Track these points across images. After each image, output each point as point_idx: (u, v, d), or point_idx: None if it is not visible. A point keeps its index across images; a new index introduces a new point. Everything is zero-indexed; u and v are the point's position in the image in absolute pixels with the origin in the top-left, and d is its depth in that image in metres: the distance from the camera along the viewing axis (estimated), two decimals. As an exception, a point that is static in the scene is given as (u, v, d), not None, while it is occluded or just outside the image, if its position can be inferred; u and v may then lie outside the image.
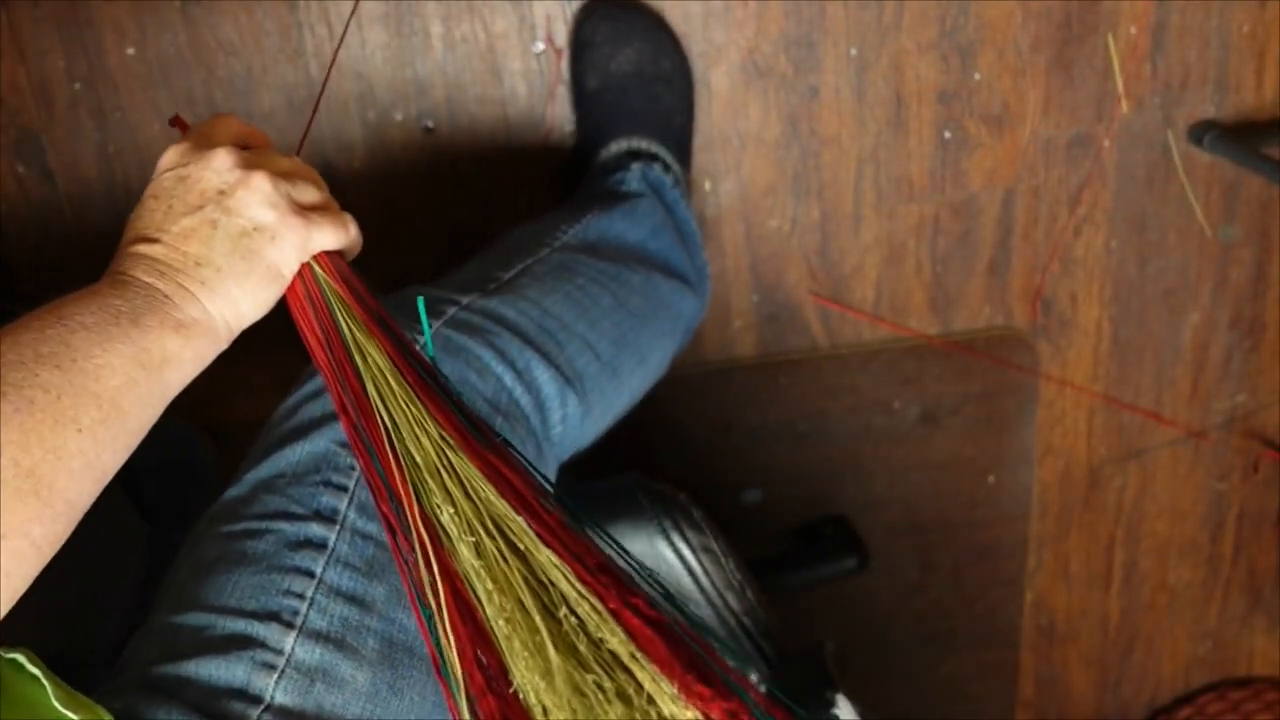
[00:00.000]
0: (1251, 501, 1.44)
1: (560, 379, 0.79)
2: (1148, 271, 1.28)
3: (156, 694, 0.59)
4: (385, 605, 0.65)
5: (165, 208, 0.61)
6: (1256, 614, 1.53)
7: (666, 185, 1.04)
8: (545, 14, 1.08)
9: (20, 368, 0.51)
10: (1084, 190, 1.23)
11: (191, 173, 0.61)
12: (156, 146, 1.04)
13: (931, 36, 1.14)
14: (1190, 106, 1.21)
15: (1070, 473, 1.37)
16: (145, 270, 0.59)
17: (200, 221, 0.60)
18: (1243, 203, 1.27)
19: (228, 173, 0.61)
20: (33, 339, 0.54)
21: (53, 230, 1.05)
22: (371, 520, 0.66)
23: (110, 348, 0.55)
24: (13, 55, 0.99)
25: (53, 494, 0.50)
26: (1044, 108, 1.19)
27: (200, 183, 0.61)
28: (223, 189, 0.61)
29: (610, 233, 0.94)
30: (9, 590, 0.49)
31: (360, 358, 0.63)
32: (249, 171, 0.61)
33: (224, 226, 0.60)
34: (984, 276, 1.26)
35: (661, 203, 1.02)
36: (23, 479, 0.49)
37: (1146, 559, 1.45)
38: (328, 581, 0.64)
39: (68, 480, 0.51)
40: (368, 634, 0.63)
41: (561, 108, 1.11)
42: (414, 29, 1.07)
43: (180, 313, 0.58)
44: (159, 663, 0.61)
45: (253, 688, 0.60)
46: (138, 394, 0.55)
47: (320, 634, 0.62)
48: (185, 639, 0.62)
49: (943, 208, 1.22)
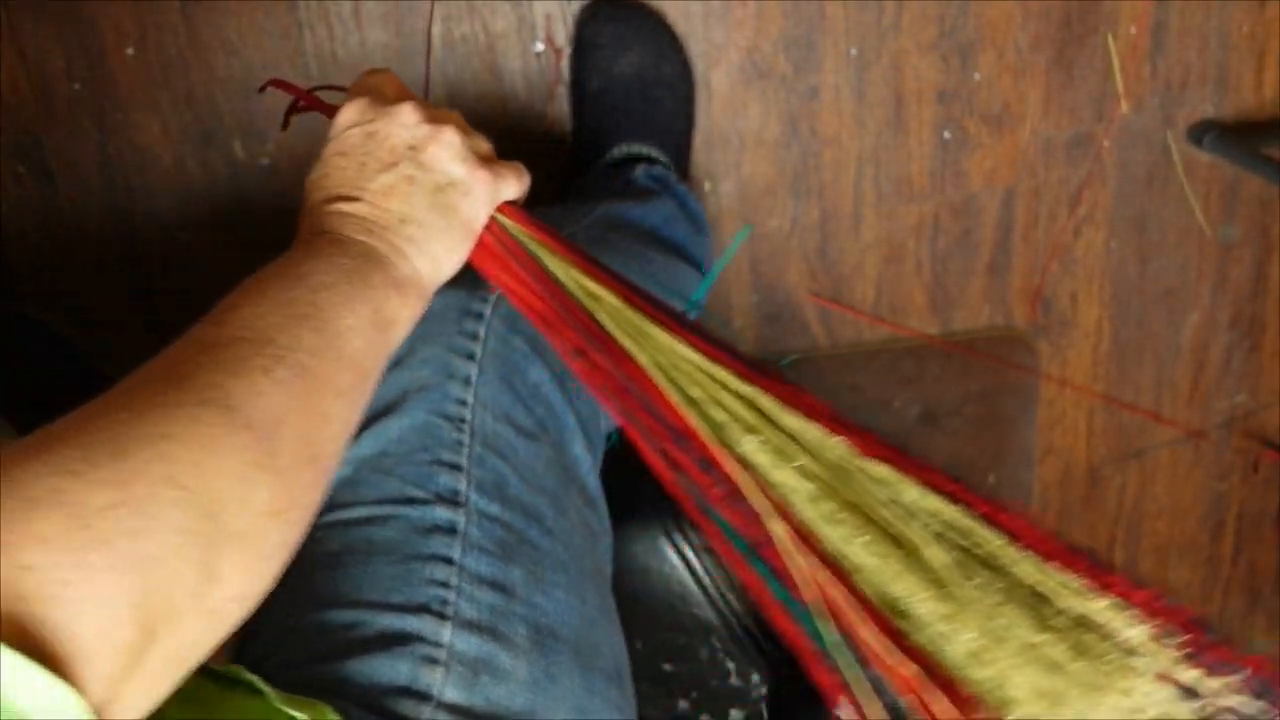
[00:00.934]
0: (1251, 501, 1.44)
1: None
2: (1148, 271, 1.28)
3: (324, 696, 0.55)
4: (525, 589, 0.62)
5: (358, 165, 0.58)
6: (1256, 614, 1.53)
7: (672, 180, 1.04)
8: (545, 14, 1.08)
9: (285, 330, 0.49)
10: (1084, 190, 1.23)
11: (380, 128, 0.59)
12: (156, 146, 1.04)
13: (931, 36, 1.14)
14: (1190, 106, 1.21)
15: (1070, 472, 1.37)
16: (356, 229, 0.56)
17: (398, 178, 0.58)
18: (1242, 203, 1.27)
19: (416, 127, 0.59)
20: (285, 298, 0.50)
21: (53, 230, 1.04)
22: (493, 501, 0.63)
23: (352, 309, 0.52)
24: (13, 55, 0.99)
25: (323, 461, 0.49)
26: (1044, 108, 1.19)
27: (390, 138, 0.59)
28: (414, 144, 0.59)
29: (628, 217, 0.92)
30: (281, 564, 0.46)
31: (590, 299, 0.60)
32: (437, 126, 0.59)
33: (421, 182, 0.58)
34: (984, 276, 1.26)
35: (672, 196, 1.02)
36: (303, 446, 0.47)
37: (1146, 559, 1.45)
38: (468, 568, 0.60)
39: (333, 447, 0.50)
40: (517, 621, 0.61)
41: (561, 107, 1.11)
42: (414, 29, 1.07)
43: (397, 271, 0.56)
44: (312, 663, 0.58)
45: (420, 684, 0.57)
46: (376, 356, 0.54)
47: (474, 624, 0.59)
48: (335, 638, 0.58)
49: (943, 208, 1.22)
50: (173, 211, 1.06)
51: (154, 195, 1.05)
